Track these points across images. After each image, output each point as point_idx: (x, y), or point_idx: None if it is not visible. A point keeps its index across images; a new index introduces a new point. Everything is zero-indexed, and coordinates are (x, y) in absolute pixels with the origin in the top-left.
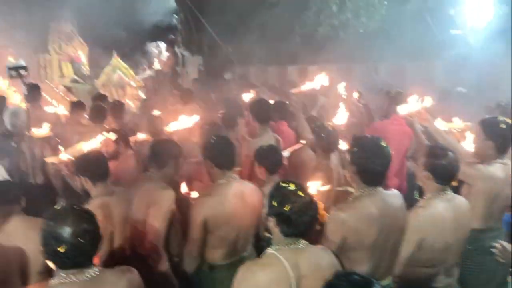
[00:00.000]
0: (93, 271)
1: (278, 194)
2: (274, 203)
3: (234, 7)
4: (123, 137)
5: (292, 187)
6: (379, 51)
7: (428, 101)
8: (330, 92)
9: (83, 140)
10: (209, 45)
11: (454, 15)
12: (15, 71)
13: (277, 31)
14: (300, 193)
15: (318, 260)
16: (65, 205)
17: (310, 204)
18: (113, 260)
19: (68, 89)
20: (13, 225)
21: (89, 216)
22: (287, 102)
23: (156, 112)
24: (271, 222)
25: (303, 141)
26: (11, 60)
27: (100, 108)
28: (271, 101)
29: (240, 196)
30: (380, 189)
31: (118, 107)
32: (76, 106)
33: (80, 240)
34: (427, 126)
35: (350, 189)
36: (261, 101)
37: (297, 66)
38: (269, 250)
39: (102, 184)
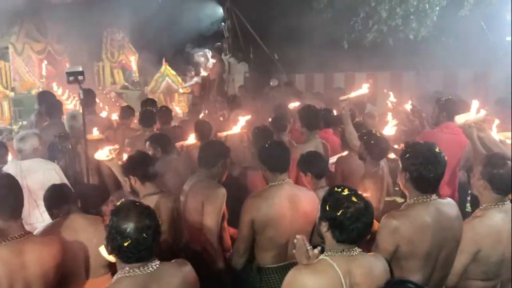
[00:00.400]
0: (154, 264)
1: (332, 199)
2: (327, 208)
3: (281, 14)
4: (161, 143)
5: (346, 192)
6: (430, 58)
7: (484, 111)
8: (378, 99)
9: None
10: (255, 52)
11: (511, 21)
12: (73, 76)
13: (323, 38)
14: (354, 199)
15: (371, 268)
16: (127, 202)
17: (364, 210)
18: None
19: (119, 95)
20: (74, 222)
21: (150, 212)
22: (332, 110)
23: (203, 118)
24: (324, 227)
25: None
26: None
27: (150, 113)
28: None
29: (290, 200)
30: (434, 197)
31: (166, 113)
32: (126, 111)
33: (143, 235)
34: (483, 136)
35: (398, 199)
36: (310, 107)
37: (344, 73)
38: (322, 256)
39: (150, 183)
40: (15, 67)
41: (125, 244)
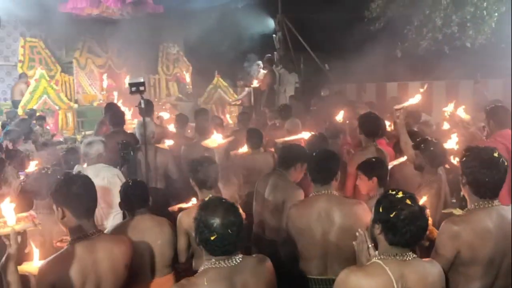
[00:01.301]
0: (238, 258)
1: (385, 201)
2: (381, 210)
3: (332, 24)
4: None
5: (400, 195)
6: (488, 66)
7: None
8: (434, 109)
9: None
10: (305, 63)
11: None
12: (135, 87)
13: (375, 47)
14: (408, 202)
15: (426, 274)
16: (214, 198)
17: (418, 213)
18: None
19: (174, 106)
20: (141, 223)
21: (235, 209)
22: (385, 120)
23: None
24: (377, 229)
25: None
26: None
27: (205, 122)
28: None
29: (326, 212)
30: (496, 202)
31: (218, 123)
32: (181, 119)
33: (229, 231)
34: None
35: (455, 211)
36: (370, 115)
37: (397, 83)
38: (374, 259)
39: (207, 191)
40: (78, 81)
41: (212, 238)
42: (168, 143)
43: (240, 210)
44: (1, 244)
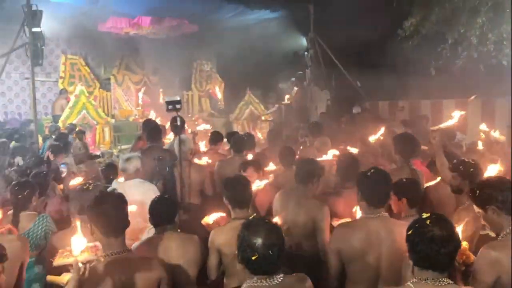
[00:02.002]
0: (279, 277)
1: (414, 224)
2: (409, 232)
3: (364, 41)
4: (259, 166)
5: (427, 216)
6: None
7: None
8: (468, 128)
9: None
10: (337, 80)
11: None
12: (172, 105)
13: (409, 64)
14: (437, 225)
15: None
16: (258, 219)
17: (447, 237)
18: None
19: (205, 122)
20: (166, 240)
21: (278, 230)
22: (419, 140)
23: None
24: (409, 254)
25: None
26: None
27: (242, 139)
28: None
29: (381, 235)
30: None
31: (252, 140)
32: (215, 136)
33: (270, 252)
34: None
35: (491, 233)
36: (406, 135)
37: (430, 101)
38: (408, 283)
39: (239, 210)
40: (115, 97)
41: (253, 258)
42: (205, 159)
43: (282, 232)
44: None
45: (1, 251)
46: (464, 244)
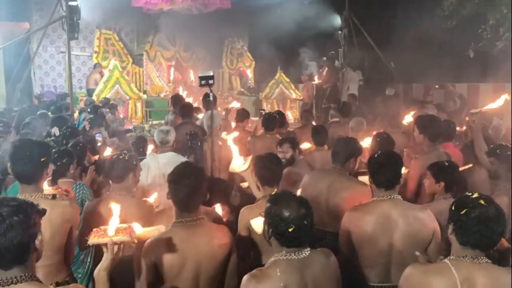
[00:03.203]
0: (306, 250)
1: (459, 200)
2: (453, 208)
3: (400, 22)
4: (296, 144)
5: (475, 195)
6: None
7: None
8: (506, 113)
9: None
10: (370, 61)
11: None
12: (205, 80)
13: (446, 46)
14: (482, 202)
15: (497, 280)
16: (283, 192)
17: (493, 215)
18: None
19: (236, 100)
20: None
21: (306, 201)
22: (453, 122)
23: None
24: (450, 229)
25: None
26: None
27: (273, 118)
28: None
29: (392, 218)
30: None
31: (283, 118)
32: (242, 114)
33: (304, 222)
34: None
35: None
36: (432, 117)
37: (466, 84)
38: (445, 260)
39: (269, 187)
40: (147, 73)
41: (290, 230)
42: (233, 135)
43: (309, 203)
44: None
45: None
46: None
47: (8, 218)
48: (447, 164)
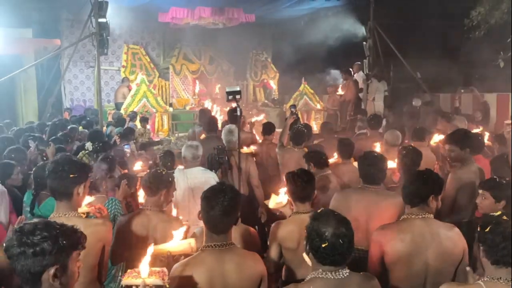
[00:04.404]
0: (345, 272)
1: (483, 219)
2: (479, 229)
3: (426, 31)
4: (315, 159)
5: (498, 213)
6: None
7: None
8: None
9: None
10: (396, 71)
11: None
12: (232, 95)
13: (474, 56)
14: (505, 217)
15: None
16: (327, 210)
17: None
18: None
19: (260, 112)
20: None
21: (347, 222)
22: (482, 134)
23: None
24: (481, 252)
25: None
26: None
27: (301, 132)
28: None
29: (426, 237)
30: None
31: (309, 131)
32: (268, 127)
33: (340, 241)
34: None
35: None
36: (467, 132)
37: (496, 94)
38: (479, 282)
39: (301, 204)
40: (173, 86)
41: (323, 245)
42: (252, 147)
43: (351, 224)
44: None
45: (78, 240)
46: None
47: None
48: (504, 181)
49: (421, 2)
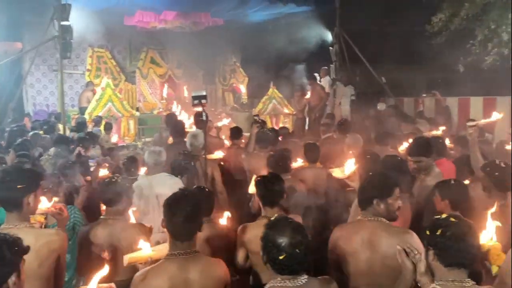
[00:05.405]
0: (303, 278)
1: (431, 223)
2: (427, 233)
3: (390, 37)
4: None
5: (444, 215)
6: None
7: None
8: (496, 126)
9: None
10: (362, 76)
11: None
12: (198, 100)
13: (436, 61)
14: (453, 219)
15: None
16: (281, 218)
17: (465, 229)
18: None
19: (229, 116)
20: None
21: (302, 229)
22: (443, 137)
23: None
24: (430, 256)
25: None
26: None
27: (266, 135)
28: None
29: (370, 239)
30: None
31: (275, 135)
32: (236, 131)
33: (296, 250)
34: None
35: None
36: (424, 139)
37: (457, 98)
38: (433, 285)
39: (270, 208)
40: (140, 90)
41: (280, 257)
42: (218, 154)
43: (306, 230)
44: None
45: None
46: (496, 244)
47: None
48: (452, 182)
49: (386, 9)
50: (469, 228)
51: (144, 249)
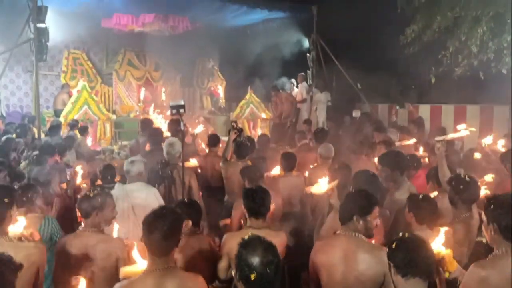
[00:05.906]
0: None
1: (390, 243)
2: (388, 250)
3: (366, 45)
4: (249, 175)
5: (400, 234)
6: None
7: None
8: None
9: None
10: (338, 82)
11: None
12: (176, 109)
13: (409, 70)
14: (406, 236)
15: None
16: (254, 237)
17: (417, 244)
18: None
19: (206, 119)
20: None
21: (273, 248)
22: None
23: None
24: (392, 271)
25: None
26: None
27: (245, 146)
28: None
29: (345, 254)
30: None
31: (252, 145)
32: (214, 139)
33: (267, 269)
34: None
35: (485, 240)
36: (394, 153)
37: (429, 105)
38: None
39: (255, 219)
40: (116, 92)
41: (252, 277)
42: (193, 161)
43: (277, 249)
44: None
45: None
46: (448, 251)
47: None
48: (419, 196)
49: (362, 18)
50: (420, 241)
51: (139, 264)
